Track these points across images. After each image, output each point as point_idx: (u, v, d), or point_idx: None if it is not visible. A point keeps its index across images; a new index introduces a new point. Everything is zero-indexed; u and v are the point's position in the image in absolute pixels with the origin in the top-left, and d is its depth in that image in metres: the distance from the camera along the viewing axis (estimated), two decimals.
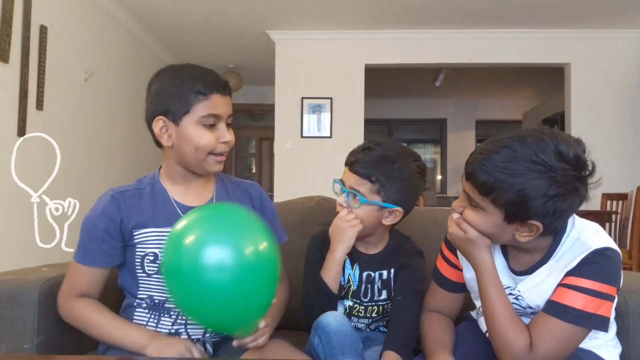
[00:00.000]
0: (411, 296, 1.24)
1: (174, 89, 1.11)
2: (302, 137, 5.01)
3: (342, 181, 1.28)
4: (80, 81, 3.73)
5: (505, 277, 1.09)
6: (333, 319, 1.12)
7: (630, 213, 3.75)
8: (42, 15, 3.18)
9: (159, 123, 1.13)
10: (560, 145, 0.92)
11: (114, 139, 4.27)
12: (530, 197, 0.92)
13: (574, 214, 1.03)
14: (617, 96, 4.88)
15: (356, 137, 4.77)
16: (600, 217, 3.61)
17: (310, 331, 1.17)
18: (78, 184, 3.54)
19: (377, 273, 1.31)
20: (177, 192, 1.18)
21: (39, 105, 3.15)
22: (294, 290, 1.37)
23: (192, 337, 1.13)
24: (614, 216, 3.92)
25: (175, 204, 1.16)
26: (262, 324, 0.99)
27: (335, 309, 1.26)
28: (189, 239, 0.91)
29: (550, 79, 6.10)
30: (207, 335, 1.15)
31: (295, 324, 1.45)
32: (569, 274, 0.99)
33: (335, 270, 1.24)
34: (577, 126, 4.85)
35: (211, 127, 1.12)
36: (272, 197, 5.52)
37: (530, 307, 1.07)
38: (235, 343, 1.01)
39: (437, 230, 1.55)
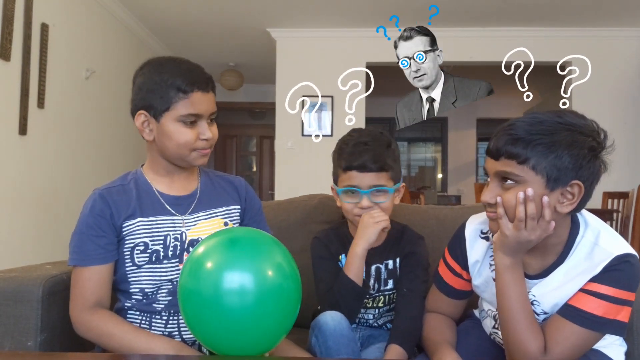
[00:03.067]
0: (418, 288, 1.26)
1: (154, 85, 1.10)
2: (303, 135, 5.00)
3: (353, 187, 1.25)
4: (82, 79, 3.72)
5: None
6: (330, 318, 1.13)
7: (631, 211, 3.76)
8: (43, 13, 3.17)
9: (140, 117, 1.13)
10: (575, 112, 0.97)
11: (116, 137, 4.27)
12: (567, 152, 0.91)
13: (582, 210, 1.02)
14: (618, 95, 4.87)
15: None
16: (601, 215, 3.57)
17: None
18: (79, 182, 3.56)
19: (383, 264, 1.32)
20: (161, 184, 1.18)
21: (40, 103, 3.14)
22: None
23: (187, 339, 1.12)
24: (615, 215, 3.92)
25: (159, 195, 1.17)
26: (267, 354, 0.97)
27: (361, 303, 1.26)
28: (209, 264, 0.87)
29: (551, 77, 6.08)
30: None
31: (298, 321, 1.45)
32: (590, 280, 0.97)
33: (356, 264, 1.23)
34: None
35: (192, 124, 1.11)
36: (272, 195, 5.53)
37: (545, 313, 1.04)
38: None
39: (439, 228, 1.55)
